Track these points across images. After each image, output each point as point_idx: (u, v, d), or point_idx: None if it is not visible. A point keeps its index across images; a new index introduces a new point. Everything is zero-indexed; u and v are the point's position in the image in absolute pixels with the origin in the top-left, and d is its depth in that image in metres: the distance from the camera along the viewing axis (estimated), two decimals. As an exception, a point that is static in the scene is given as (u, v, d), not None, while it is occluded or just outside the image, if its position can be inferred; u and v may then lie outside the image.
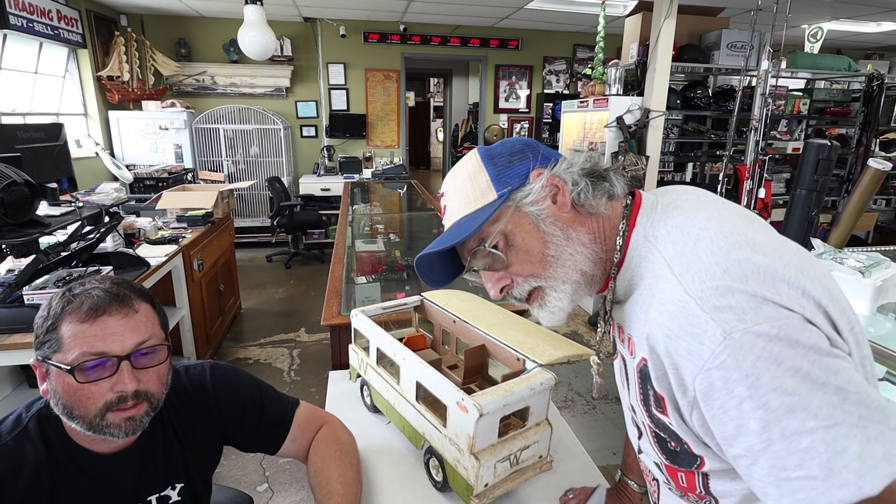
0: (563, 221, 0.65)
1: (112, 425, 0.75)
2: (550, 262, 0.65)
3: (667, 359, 0.56)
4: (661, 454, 0.67)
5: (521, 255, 0.66)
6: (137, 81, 5.18)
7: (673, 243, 0.59)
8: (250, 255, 5.49)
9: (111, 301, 0.75)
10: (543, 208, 0.64)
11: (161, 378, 0.80)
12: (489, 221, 0.65)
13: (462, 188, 0.69)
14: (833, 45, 6.62)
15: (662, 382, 0.58)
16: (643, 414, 0.65)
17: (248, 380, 1.00)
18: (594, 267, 0.66)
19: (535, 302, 0.69)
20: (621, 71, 3.70)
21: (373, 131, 6.30)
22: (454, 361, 1.19)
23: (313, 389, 2.84)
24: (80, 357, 0.72)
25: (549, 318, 0.68)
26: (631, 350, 0.65)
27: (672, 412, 0.58)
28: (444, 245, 0.67)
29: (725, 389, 0.50)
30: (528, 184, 0.65)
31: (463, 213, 0.68)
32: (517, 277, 0.67)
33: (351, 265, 2.25)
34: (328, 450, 0.97)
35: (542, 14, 5.36)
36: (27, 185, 1.50)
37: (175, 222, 3.03)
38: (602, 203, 0.65)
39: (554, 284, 0.66)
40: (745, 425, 0.49)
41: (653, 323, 0.57)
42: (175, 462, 0.89)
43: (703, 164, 5.03)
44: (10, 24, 3.62)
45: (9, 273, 1.88)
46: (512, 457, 0.90)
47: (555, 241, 0.65)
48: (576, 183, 0.65)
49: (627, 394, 0.70)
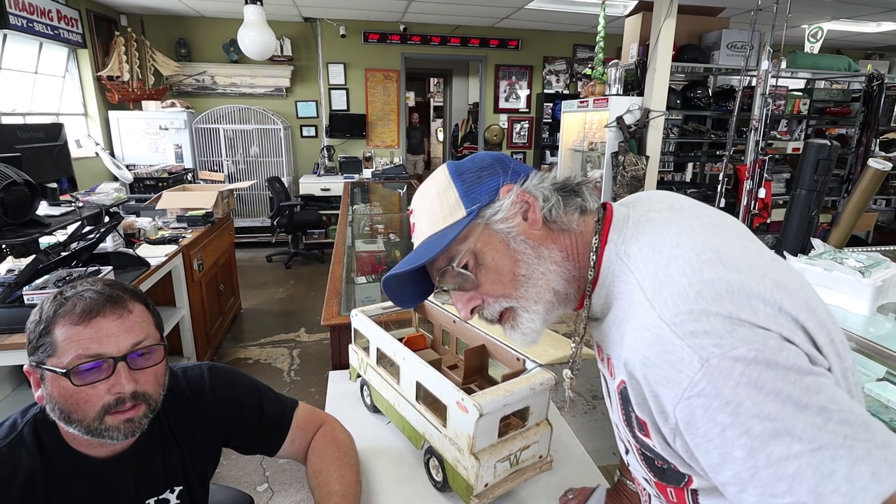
0: (535, 239, 0.63)
1: (111, 428, 0.74)
2: (521, 282, 0.63)
3: (646, 386, 0.54)
4: (648, 471, 0.65)
5: (491, 274, 0.64)
6: (137, 81, 5.18)
7: (645, 263, 0.58)
8: (250, 255, 5.49)
9: (105, 302, 0.74)
10: (514, 225, 0.63)
11: (158, 379, 0.80)
12: (458, 240, 0.63)
13: (430, 205, 0.67)
14: (833, 45, 6.62)
15: (643, 408, 0.57)
16: (627, 433, 0.64)
17: (246, 381, 0.99)
18: (567, 285, 0.64)
19: (508, 323, 0.67)
20: (621, 71, 3.71)
21: (373, 131, 6.30)
22: (454, 361, 1.19)
23: (313, 389, 2.84)
24: (75, 360, 0.71)
25: (521, 339, 0.67)
26: (611, 371, 0.63)
27: (655, 436, 0.57)
28: (410, 265, 0.65)
29: (707, 417, 0.49)
30: (498, 200, 0.63)
31: (431, 231, 0.66)
32: (488, 298, 0.65)
33: (351, 265, 2.26)
34: (327, 451, 0.97)
35: (542, 14, 5.36)
36: (27, 185, 1.50)
37: (175, 222, 3.03)
38: (574, 219, 0.64)
39: (526, 305, 0.64)
40: (730, 453, 0.48)
41: (629, 349, 0.56)
42: (174, 465, 0.88)
43: (703, 164, 5.03)
44: (10, 24, 3.62)
45: (9, 273, 1.88)
46: (512, 457, 0.90)
47: (526, 260, 0.63)
48: (546, 199, 0.63)
49: (611, 411, 0.69)
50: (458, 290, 0.67)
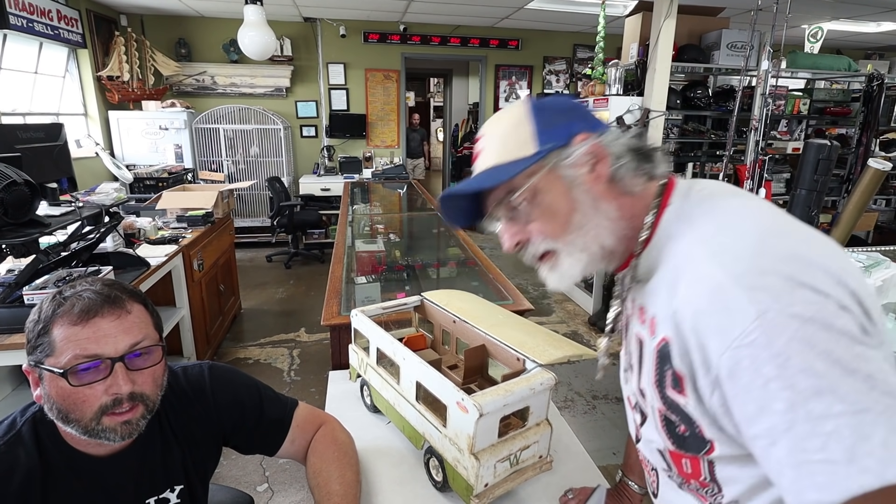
0: (596, 192, 0.64)
1: (108, 429, 0.74)
2: (573, 229, 0.64)
3: (693, 336, 0.55)
4: (668, 438, 0.65)
5: (545, 215, 0.65)
6: (137, 81, 5.18)
7: (709, 223, 0.59)
8: (250, 255, 5.49)
9: (103, 302, 0.74)
10: (580, 174, 0.63)
11: (156, 380, 0.79)
12: (522, 175, 0.64)
13: (502, 135, 0.67)
14: (833, 45, 6.62)
15: (685, 361, 0.57)
16: (655, 397, 0.64)
17: (246, 381, 0.99)
18: (616, 243, 0.65)
19: (547, 264, 0.68)
20: (621, 71, 3.70)
21: (373, 131, 6.30)
22: (454, 361, 1.19)
23: (313, 389, 2.84)
24: (73, 360, 0.71)
25: (556, 281, 0.68)
26: (651, 329, 0.63)
27: (690, 392, 0.57)
28: (471, 188, 0.67)
29: (753, 368, 0.49)
30: (571, 146, 0.64)
31: (498, 160, 0.66)
32: (536, 236, 0.67)
33: (351, 265, 2.25)
34: (327, 451, 0.97)
35: (542, 14, 5.36)
36: (27, 185, 1.50)
37: (175, 222, 3.03)
38: (639, 182, 0.65)
39: (571, 251, 0.65)
40: (769, 406, 0.49)
41: (682, 299, 0.56)
42: (174, 464, 0.88)
43: (703, 164, 5.03)
44: (10, 24, 3.62)
45: (9, 273, 1.88)
46: (512, 457, 0.90)
47: (582, 210, 0.64)
48: (619, 157, 0.64)
49: (637, 378, 0.69)
50: (509, 222, 0.68)
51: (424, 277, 2.35)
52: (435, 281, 2.36)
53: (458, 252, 2.64)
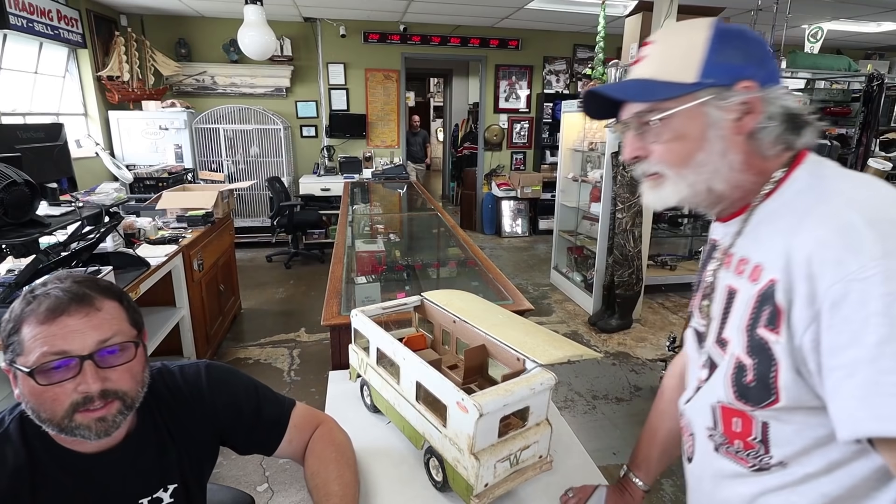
0: (730, 141, 0.63)
1: (82, 426, 0.73)
2: (691, 165, 0.65)
3: (804, 268, 0.55)
4: (731, 388, 0.65)
5: (673, 143, 0.65)
6: (137, 81, 5.18)
7: (844, 181, 0.60)
8: (250, 255, 5.49)
9: (70, 300, 0.73)
10: (724, 119, 0.63)
11: (134, 376, 0.78)
12: (672, 100, 0.63)
13: (670, 51, 0.66)
14: (833, 45, 6.62)
15: (787, 296, 0.57)
16: (740, 341, 0.64)
17: (244, 380, 0.99)
18: (727, 191, 0.66)
19: (652, 182, 0.69)
20: (621, 71, 3.70)
21: (373, 131, 6.30)
22: (454, 361, 1.19)
23: (313, 389, 2.84)
24: (40, 358, 0.70)
25: (653, 200, 0.70)
26: (755, 276, 0.63)
27: (784, 329, 0.58)
28: (617, 94, 0.67)
29: (859, 301, 0.50)
30: (731, 90, 0.62)
31: (655, 75, 0.65)
32: (655, 157, 0.67)
33: (351, 265, 2.25)
34: (324, 451, 0.97)
35: (542, 14, 5.36)
36: (27, 185, 1.50)
37: (175, 222, 3.03)
38: (776, 149, 0.64)
39: (679, 181, 0.66)
40: (862, 338, 0.50)
41: (804, 235, 0.57)
42: (169, 463, 0.88)
43: (703, 164, 5.03)
44: (10, 24, 3.62)
45: (9, 273, 1.88)
46: (512, 457, 0.90)
47: (710, 150, 0.64)
48: (771, 118, 0.63)
49: (718, 329, 0.69)
50: (636, 134, 0.68)
51: (424, 277, 2.35)
52: (435, 281, 2.36)
53: (458, 252, 2.64)
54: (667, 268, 4.60)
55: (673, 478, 2.18)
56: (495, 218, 6.64)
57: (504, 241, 6.43)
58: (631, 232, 3.52)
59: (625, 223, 3.51)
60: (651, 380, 2.98)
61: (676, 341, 2.44)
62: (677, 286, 4.50)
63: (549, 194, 6.06)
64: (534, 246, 6.17)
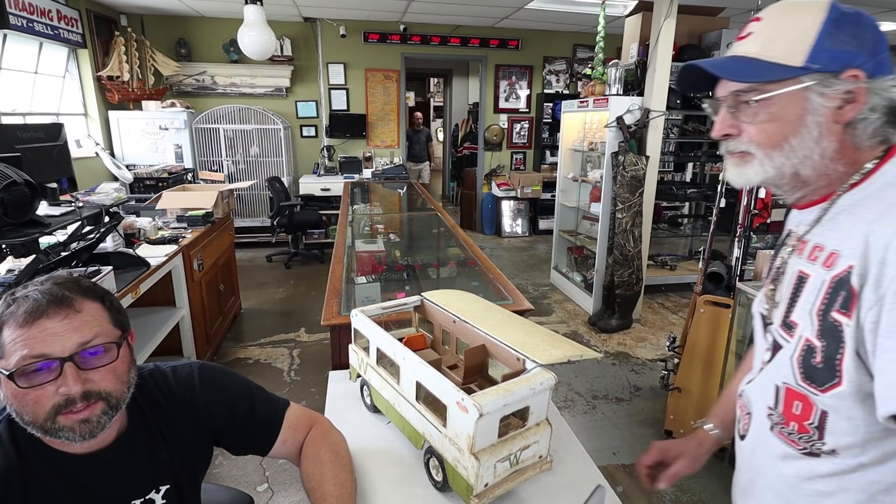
0: (827, 129, 0.62)
1: (65, 428, 0.73)
2: (783, 148, 0.64)
3: (880, 254, 0.56)
4: (798, 369, 0.66)
5: (767, 125, 0.64)
6: (137, 81, 5.19)
7: None
8: (250, 255, 5.49)
9: (49, 303, 0.73)
10: (825, 106, 0.61)
11: (119, 376, 0.78)
12: (774, 82, 0.62)
13: (779, 31, 0.64)
14: (833, 45, 6.61)
15: (860, 280, 0.58)
16: (811, 324, 0.64)
17: (238, 381, 0.99)
18: (812, 177, 0.66)
19: (738, 160, 0.69)
20: (621, 71, 3.70)
21: (373, 131, 6.30)
22: (454, 361, 1.19)
23: (313, 389, 2.84)
24: (20, 361, 0.70)
25: (736, 178, 0.70)
26: (830, 263, 0.63)
27: (855, 312, 0.59)
28: (718, 71, 0.67)
29: None
30: (837, 77, 0.60)
31: (760, 54, 0.64)
32: (745, 137, 0.67)
33: (351, 265, 2.25)
34: (320, 452, 0.96)
35: (542, 14, 5.36)
36: (27, 185, 1.50)
37: (175, 222, 3.03)
38: (872, 141, 0.63)
39: (766, 162, 0.66)
40: None
41: (887, 223, 0.58)
42: (160, 464, 0.88)
43: (703, 164, 5.03)
44: (10, 24, 3.62)
45: (9, 273, 1.87)
46: (512, 457, 0.90)
47: (804, 136, 0.63)
48: (874, 109, 0.61)
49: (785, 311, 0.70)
50: (729, 111, 0.68)
51: (424, 277, 2.35)
52: (435, 281, 2.36)
53: (458, 252, 2.64)
54: (667, 268, 4.60)
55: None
56: (495, 218, 6.64)
57: (504, 241, 6.43)
58: (631, 232, 3.52)
59: (625, 223, 3.51)
60: (651, 380, 2.98)
61: (676, 341, 2.44)
62: (677, 286, 4.50)
63: (549, 194, 6.06)
64: (534, 246, 6.17)
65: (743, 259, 2.25)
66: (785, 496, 0.71)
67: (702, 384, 2.29)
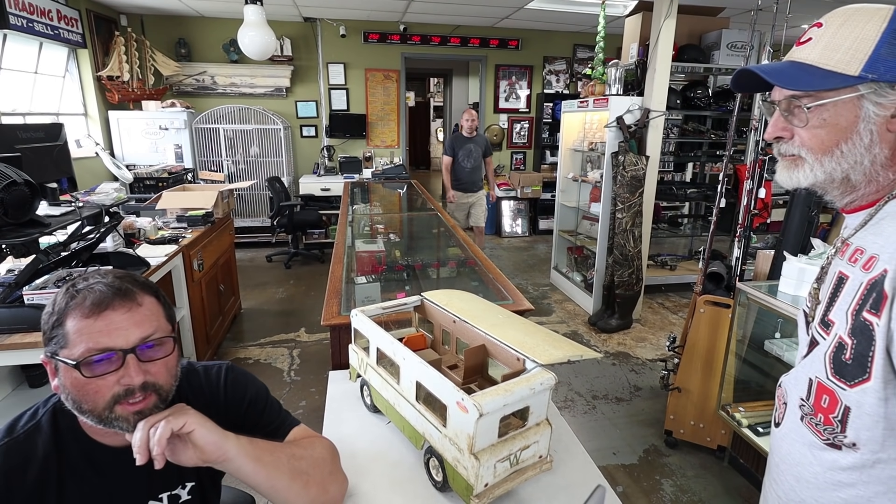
0: (880, 136, 0.64)
1: (121, 418, 0.75)
2: (834, 153, 0.66)
3: None
4: (829, 364, 0.68)
5: (819, 130, 0.66)
6: (137, 81, 5.19)
7: None
8: (250, 255, 5.49)
9: (114, 295, 0.75)
10: (879, 115, 0.63)
11: (170, 370, 0.80)
12: (829, 90, 0.63)
13: (838, 42, 0.64)
14: (833, 45, 6.61)
15: (893, 282, 0.61)
16: (845, 322, 0.67)
17: (258, 385, 1.00)
18: (861, 183, 0.67)
19: (789, 163, 0.71)
20: (621, 71, 3.70)
21: (373, 131, 6.30)
22: (454, 361, 1.19)
23: (313, 389, 2.84)
24: (85, 352, 0.72)
25: (786, 180, 0.72)
26: (868, 266, 0.65)
27: (885, 313, 0.61)
28: (774, 79, 0.67)
29: None
30: (892, 87, 0.61)
31: (818, 61, 0.65)
32: (797, 140, 0.68)
33: (351, 265, 2.25)
34: (314, 443, 0.95)
35: (542, 14, 5.36)
36: (27, 185, 1.50)
37: (175, 222, 3.03)
38: None
39: (816, 167, 0.67)
40: None
41: None
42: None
43: (703, 164, 5.04)
44: (10, 24, 3.62)
45: (9, 273, 1.88)
46: (512, 457, 0.90)
47: (856, 143, 0.64)
48: None
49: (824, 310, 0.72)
50: (783, 115, 0.69)
51: (424, 277, 2.35)
52: (435, 281, 2.36)
53: (458, 252, 2.64)
54: (667, 268, 4.61)
55: (673, 478, 2.18)
56: (495, 218, 6.64)
57: (504, 241, 6.43)
58: (631, 232, 3.52)
59: (625, 223, 3.51)
60: (651, 380, 2.98)
61: (676, 341, 2.44)
62: (677, 286, 4.50)
63: (549, 194, 6.07)
64: (534, 246, 6.17)
65: (743, 259, 2.25)
66: (808, 481, 0.75)
67: (702, 384, 2.29)
